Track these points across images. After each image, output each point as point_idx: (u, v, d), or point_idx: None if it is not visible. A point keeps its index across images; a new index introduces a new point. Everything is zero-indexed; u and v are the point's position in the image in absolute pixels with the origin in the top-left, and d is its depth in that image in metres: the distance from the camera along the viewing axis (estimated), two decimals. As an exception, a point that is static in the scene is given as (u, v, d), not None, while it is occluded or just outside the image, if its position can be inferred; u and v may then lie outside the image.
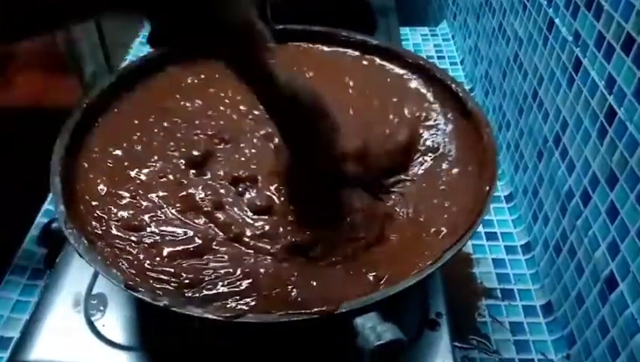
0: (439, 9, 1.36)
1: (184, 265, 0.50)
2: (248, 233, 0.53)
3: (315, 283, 0.49)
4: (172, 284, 0.48)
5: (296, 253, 0.51)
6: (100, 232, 0.52)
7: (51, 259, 0.64)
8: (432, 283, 0.63)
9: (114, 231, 0.52)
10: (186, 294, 0.47)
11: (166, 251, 0.51)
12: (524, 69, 0.84)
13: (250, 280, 0.49)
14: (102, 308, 0.59)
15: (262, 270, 0.50)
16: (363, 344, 0.42)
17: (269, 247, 0.52)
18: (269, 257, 0.51)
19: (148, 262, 0.50)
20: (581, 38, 0.66)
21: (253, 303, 0.47)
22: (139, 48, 1.14)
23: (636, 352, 0.55)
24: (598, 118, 0.62)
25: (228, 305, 0.47)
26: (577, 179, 0.67)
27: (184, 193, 0.56)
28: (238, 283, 0.49)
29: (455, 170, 0.60)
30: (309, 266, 0.51)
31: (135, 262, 0.50)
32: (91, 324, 0.58)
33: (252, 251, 0.52)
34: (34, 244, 0.70)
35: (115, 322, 0.58)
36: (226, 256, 0.51)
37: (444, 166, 0.60)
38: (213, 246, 0.52)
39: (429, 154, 0.61)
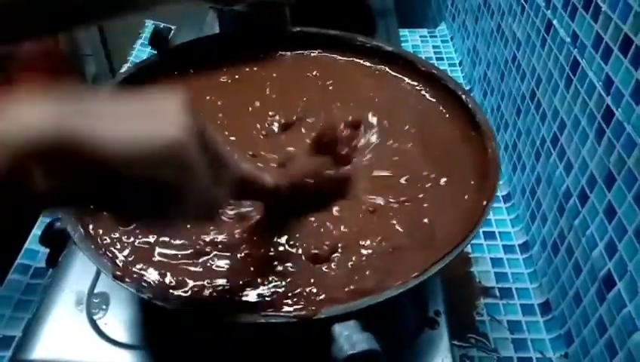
0: (438, 11, 1.36)
1: (178, 266, 0.50)
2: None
3: (313, 290, 0.49)
4: (157, 281, 0.49)
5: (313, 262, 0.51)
6: (93, 226, 0.52)
7: (54, 258, 0.64)
8: (430, 282, 0.63)
9: (108, 226, 0.53)
10: (172, 291, 0.48)
11: (158, 252, 0.51)
12: (522, 70, 0.84)
13: (245, 289, 0.49)
14: (104, 306, 0.59)
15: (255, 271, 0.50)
16: (336, 352, 0.42)
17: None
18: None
19: (134, 258, 0.50)
20: (579, 39, 0.67)
21: (238, 304, 0.48)
22: (141, 50, 1.14)
23: (634, 351, 0.56)
24: (596, 118, 0.63)
25: (211, 303, 0.47)
26: (575, 179, 0.68)
27: None
28: (228, 285, 0.49)
29: (456, 181, 0.60)
30: (310, 271, 0.51)
31: (122, 257, 0.50)
32: (94, 323, 0.58)
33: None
34: (37, 243, 0.70)
35: (117, 321, 0.58)
36: (223, 264, 0.51)
37: (446, 174, 0.60)
38: (208, 252, 0.52)
39: (433, 163, 0.61)
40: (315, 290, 0.49)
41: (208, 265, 0.50)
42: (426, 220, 0.55)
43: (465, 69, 1.15)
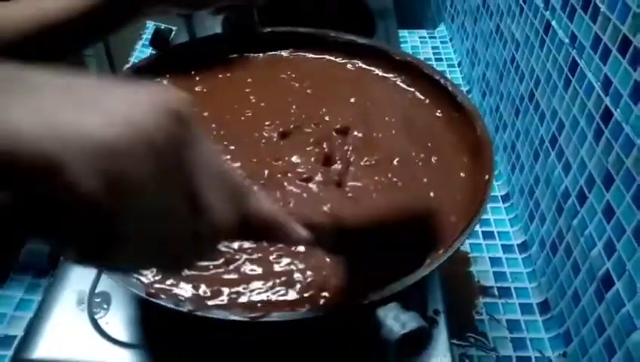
0: (437, 12, 1.37)
1: (210, 277, 0.50)
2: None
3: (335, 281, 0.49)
4: (192, 294, 0.48)
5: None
6: None
7: (55, 258, 0.65)
8: (430, 281, 0.63)
9: None
10: (209, 301, 0.47)
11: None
12: (521, 71, 0.84)
13: (283, 289, 0.49)
14: (105, 306, 0.59)
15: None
16: (388, 334, 0.42)
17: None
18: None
19: (162, 276, 0.49)
20: (577, 40, 0.67)
21: (274, 300, 0.48)
22: (142, 50, 1.15)
23: (632, 350, 0.56)
24: (595, 119, 0.63)
25: (251, 306, 0.47)
26: (573, 179, 0.68)
27: None
28: (264, 288, 0.49)
29: (448, 161, 0.60)
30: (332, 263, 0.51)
31: (151, 276, 0.49)
32: (95, 322, 0.58)
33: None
34: (38, 243, 0.70)
35: (118, 320, 0.58)
36: (256, 268, 0.51)
37: (437, 156, 0.61)
38: (238, 258, 0.51)
39: (423, 150, 0.62)
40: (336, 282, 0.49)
41: (242, 271, 0.50)
42: (432, 194, 0.57)
43: (464, 69, 1.15)
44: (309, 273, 0.50)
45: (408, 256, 0.50)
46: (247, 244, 0.52)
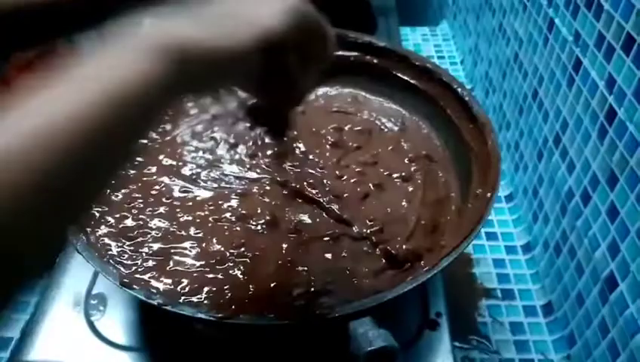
0: (439, 9, 1.36)
1: (192, 274, 0.50)
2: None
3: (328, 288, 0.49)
4: (168, 288, 0.48)
5: None
6: (95, 236, 0.52)
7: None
8: (432, 284, 0.63)
9: (106, 238, 0.52)
10: (185, 297, 0.47)
11: (173, 260, 0.51)
12: (524, 69, 0.84)
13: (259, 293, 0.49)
14: (102, 308, 0.59)
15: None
16: (355, 349, 0.42)
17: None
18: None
19: (144, 268, 0.50)
20: (581, 38, 0.67)
21: (248, 306, 0.47)
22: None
23: (636, 352, 0.56)
24: (598, 117, 0.62)
25: (224, 306, 0.47)
26: (577, 179, 0.67)
27: (189, 204, 0.56)
28: (242, 290, 0.49)
29: (457, 174, 0.60)
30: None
31: (133, 267, 0.50)
32: (91, 324, 0.58)
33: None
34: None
35: (114, 322, 0.58)
36: (240, 271, 0.50)
37: (444, 168, 0.60)
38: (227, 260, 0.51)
39: (431, 157, 0.62)
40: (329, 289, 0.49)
41: (229, 273, 0.50)
42: (427, 214, 0.56)
43: (466, 67, 1.14)
44: (293, 280, 0.50)
45: None
46: (242, 248, 0.52)
